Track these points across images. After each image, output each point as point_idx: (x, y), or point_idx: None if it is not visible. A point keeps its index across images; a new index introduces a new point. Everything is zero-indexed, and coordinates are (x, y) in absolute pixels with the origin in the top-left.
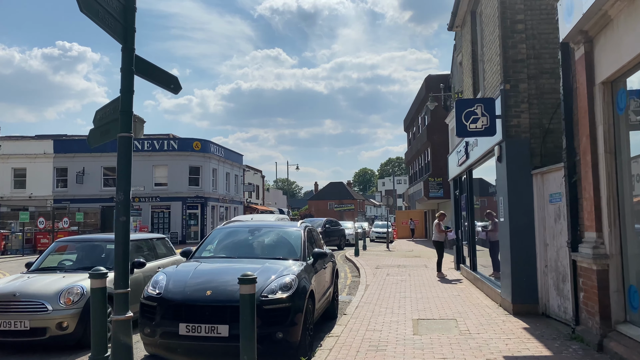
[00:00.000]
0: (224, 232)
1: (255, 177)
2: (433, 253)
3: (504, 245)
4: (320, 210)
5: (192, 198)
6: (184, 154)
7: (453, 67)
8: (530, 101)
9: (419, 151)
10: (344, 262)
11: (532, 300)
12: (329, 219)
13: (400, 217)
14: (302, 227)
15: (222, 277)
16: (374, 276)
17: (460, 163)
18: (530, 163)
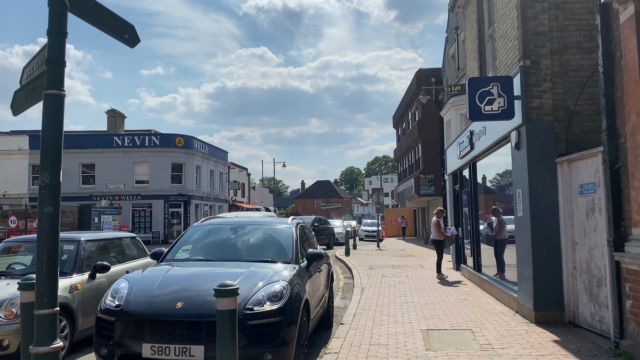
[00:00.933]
0: (202, 230)
1: (241, 174)
2: (426, 252)
3: (522, 244)
4: (307, 208)
5: (175, 196)
6: (166, 150)
7: (445, 60)
8: (554, 79)
9: (409, 147)
10: (334, 262)
11: (557, 306)
12: (317, 217)
13: (388, 215)
14: (293, 225)
15: (198, 284)
16: (368, 278)
17: (462, 155)
18: (554, 150)
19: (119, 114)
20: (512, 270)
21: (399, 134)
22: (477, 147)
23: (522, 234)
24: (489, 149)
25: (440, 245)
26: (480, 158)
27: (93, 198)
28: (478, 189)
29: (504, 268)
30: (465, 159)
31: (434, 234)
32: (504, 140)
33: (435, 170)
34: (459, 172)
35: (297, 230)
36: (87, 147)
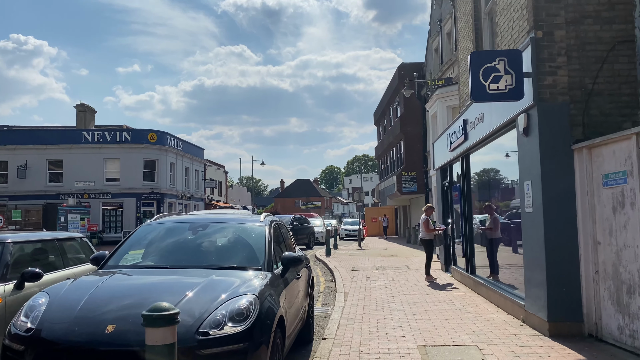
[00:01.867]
0: (155, 229)
1: (218, 172)
2: (410, 252)
3: (532, 244)
4: (286, 208)
5: (147, 194)
6: (138, 147)
7: (427, 54)
8: (569, 54)
9: (391, 144)
10: (314, 263)
11: (574, 317)
12: (296, 216)
13: (369, 214)
14: (266, 223)
15: (138, 300)
16: (351, 281)
17: (454, 147)
18: (571, 135)
19: (88, 109)
20: (506, 272)
21: (380, 131)
22: (472, 137)
23: (531, 233)
24: (487, 138)
25: (430, 245)
26: (475, 149)
27: (61, 196)
28: (472, 184)
29: (497, 269)
30: (457, 151)
31: (422, 233)
32: (508, 126)
33: (417, 167)
34: (448, 166)
35: (271, 229)
36: (54, 142)
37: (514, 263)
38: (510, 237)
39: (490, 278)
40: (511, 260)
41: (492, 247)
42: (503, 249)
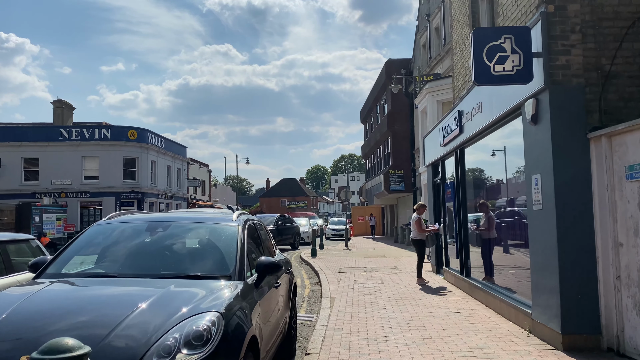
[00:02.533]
0: (107, 230)
1: (201, 171)
2: (398, 252)
3: (541, 245)
4: (272, 207)
5: (127, 193)
6: (117, 144)
7: (415, 50)
8: (584, 31)
9: (378, 142)
10: (299, 264)
11: (591, 329)
12: (281, 215)
13: (356, 213)
14: (239, 222)
15: (67, 320)
16: (338, 284)
17: (447, 141)
18: (586, 122)
19: (66, 105)
20: (505, 275)
21: (366, 129)
22: (469, 129)
23: (540, 233)
24: (487, 129)
25: (422, 245)
26: (471, 143)
27: (36, 195)
28: (467, 180)
29: (493, 271)
30: (451, 145)
31: (414, 232)
32: (512, 114)
33: (405, 165)
34: (440, 162)
35: (245, 230)
36: (30, 139)
37: (513, 265)
38: (507, 237)
39: (485, 280)
40: (509, 262)
41: (487, 247)
42: (499, 249)
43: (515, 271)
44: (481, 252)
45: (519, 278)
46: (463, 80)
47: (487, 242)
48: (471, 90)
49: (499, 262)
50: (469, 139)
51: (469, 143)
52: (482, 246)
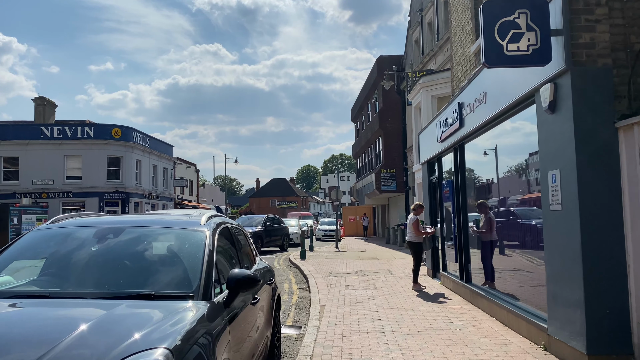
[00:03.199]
0: (46, 237)
1: (189, 171)
2: (390, 254)
3: (561, 251)
4: (262, 207)
5: (111, 193)
6: (101, 143)
7: (407, 47)
8: (611, 4)
9: (369, 141)
10: (287, 267)
11: (621, 348)
12: (270, 216)
13: (347, 213)
14: (209, 226)
15: None
16: (328, 290)
17: (445, 137)
18: (614, 109)
19: (48, 102)
20: (510, 281)
21: (357, 128)
22: (470, 122)
23: (559, 237)
24: (492, 121)
25: (419, 248)
26: (472, 137)
27: (16, 196)
28: (467, 178)
29: (494, 276)
30: (449, 141)
31: (410, 234)
32: (523, 103)
33: (397, 164)
34: (437, 159)
35: (215, 236)
36: (10, 138)
37: (516, 269)
38: (511, 239)
39: (485, 286)
40: (512, 266)
41: (488, 250)
42: (501, 252)
43: (520, 277)
44: (481, 256)
45: (524, 284)
46: (464, 69)
47: (487, 245)
48: (474, 79)
49: (501, 266)
50: (471, 134)
51: (470, 138)
52: (481, 249)
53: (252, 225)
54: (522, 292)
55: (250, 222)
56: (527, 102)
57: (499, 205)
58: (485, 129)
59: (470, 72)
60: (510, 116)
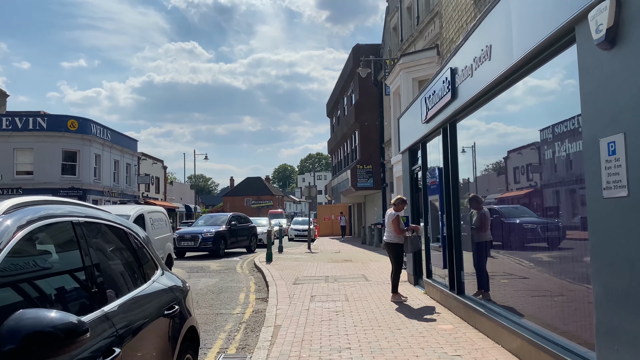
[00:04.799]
0: None
1: (155, 167)
2: (365, 255)
3: (622, 260)
4: (236, 207)
5: (67, 190)
6: (55, 135)
7: (385, 35)
8: None
9: (345, 135)
10: (250, 272)
11: None
12: (235, 214)
13: (322, 212)
14: (13, 221)
15: None
16: (289, 302)
17: (432, 115)
18: None
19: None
20: (506, 290)
21: (333, 123)
22: (467, 91)
23: (620, 236)
24: (500, 82)
25: (399, 251)
26: (469, 111)
27: None
28: (460, 165)
29: (488, 284)
30: (438, 119)
31: (389, 234)
32: (552, 47)
33: (374, 160)
34: (421, 144)
35: (16, 243)
36: None
37: (508, 273)
38: (510, 241)
39: (480, 297)
40: (502, 269)
41: (481, 253)
42: (499, 257)
43: (516, 284)
44: (473, 259)
45: (525, 295)
46: (457, 25)
47: (481, 247)
48: (474, 30)
49: (491, 270)
50: (466, 106)
51: (465, 112)
52: (474, 251)
53: (216, 224)
54: (527, 306)
55: (214, 221)
56: (560, 43)
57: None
58: (490, 94)
59: (467, 26)
60: (533, 68)
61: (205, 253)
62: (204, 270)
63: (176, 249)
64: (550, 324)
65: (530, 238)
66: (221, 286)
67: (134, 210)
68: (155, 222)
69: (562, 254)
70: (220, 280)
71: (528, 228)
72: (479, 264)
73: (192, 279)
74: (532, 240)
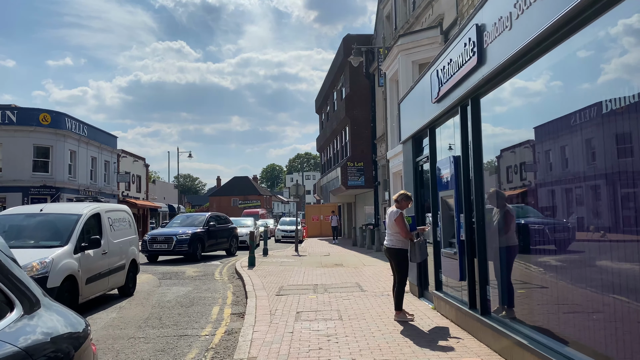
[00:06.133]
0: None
1: (137, 165)
2: (357, 259)
3: None
4: (223, 207)
5: (38, 188)
6: (26, 130)
7: (378, 24)
8: None
9: (335, 131)
10: (230, 279)
11: None
12: (214, 214)
13: (310, 212)
14: None
15: None
16: (270, 321)
17: (446, 91)
18: None
19: None
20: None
21: (322, 119)
22: (499, 52)
23: None
24: (554, 33)
25: (405, 258)
26: (502, 79)
27: None
28: (485, 150)
29: (512, 299)
30: (455, 94)
31: (392, 238)
32: None
33: (366, 157)
34: (429, 130)
35: None
36: None
37: (521, 281)
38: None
39: (501, 314)
40: (513, 276)
41: (504, 260)
42: (527, 263)
43: (537, 296)
44: (494, 267)
45: (557, 313)
46: None
47: (504, 252)
48: None
49: (531, 284)
50: (498, 72)
51: (494, 81)
52: (495, 258)
53: (192, 225)
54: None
55: (190, 222)
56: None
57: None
58: (535, 53)
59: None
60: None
61: (181, 257)
62: (178, 276)
63: (147, 252)
64: (528, 320)
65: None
66: (193, 297)
67: (87, 209)
68: (115, 222)
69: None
70: (194, 289)
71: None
72: (502, 273)
73: (162, 287)
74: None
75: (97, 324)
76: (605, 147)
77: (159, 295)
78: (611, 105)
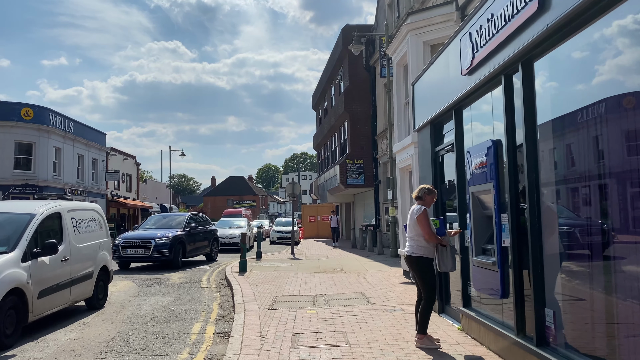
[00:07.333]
0: None
1: (127, 163)
2: (359, 262)
3: None
4: (217, 207)
5: (20, 187)
6: (6, 125)
7: (379, 14)
8: None
9: (333, 128)
10: (218, 287)
11: None
12: (194, 214)
13: (307, 212)
14: None
15: None
16: (260, 347)
17: (481, 58)
18: None
19: None
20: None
21: (319, 115)
22: None
23: None
24: None
25: (429, 267)
26: (564, 33)
27: None
28: (542, 132)
29: (560, 319)
30: (496, 60)
31: (415, 243)
32: None
33: (365, 154)
34: (455, 111)
35: None
36: None
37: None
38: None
39: (555, 342)
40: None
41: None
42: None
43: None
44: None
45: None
46: None
47: (547, 259)
48: None
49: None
50: (569, 21)
51: (562, 33)
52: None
53: (171, 227)
54: None
55: (168, 223)
56: None
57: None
58: None
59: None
60: None
61: (159, 264)
62: (161, 283)
63: (119, 259)
64: None
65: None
66: (172, 310)
67: (44, 208)
68: (81, 223)
69: None
70: (176, 299)
71: None
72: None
73: (140, 296)
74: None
75: (48, 348)
76: None
77: (134, 307)
78: None
